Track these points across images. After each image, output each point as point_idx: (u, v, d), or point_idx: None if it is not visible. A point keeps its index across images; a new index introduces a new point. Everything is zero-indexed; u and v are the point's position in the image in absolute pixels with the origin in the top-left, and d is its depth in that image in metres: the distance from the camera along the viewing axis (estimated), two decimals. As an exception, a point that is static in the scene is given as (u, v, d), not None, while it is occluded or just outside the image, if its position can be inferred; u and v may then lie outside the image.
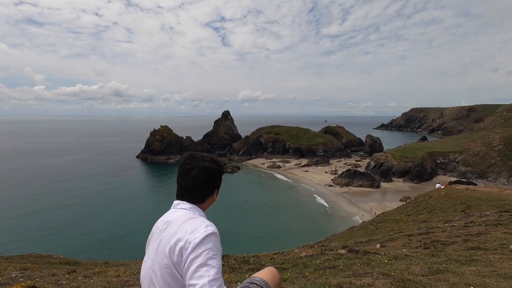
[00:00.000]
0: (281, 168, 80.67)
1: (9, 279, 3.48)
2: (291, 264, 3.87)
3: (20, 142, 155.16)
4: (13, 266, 9.24)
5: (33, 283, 2.55)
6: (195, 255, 1.28)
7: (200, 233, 1.34)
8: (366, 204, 48.78)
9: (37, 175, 71.09)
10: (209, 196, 1.63)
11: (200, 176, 1.56)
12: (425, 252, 5.00)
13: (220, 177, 1.65)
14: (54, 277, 3.67)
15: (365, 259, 4.05)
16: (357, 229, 22.56)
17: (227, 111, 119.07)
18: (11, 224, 40.00)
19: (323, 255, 4.40)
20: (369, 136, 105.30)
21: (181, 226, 1.43)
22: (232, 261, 4.36)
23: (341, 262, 3.83)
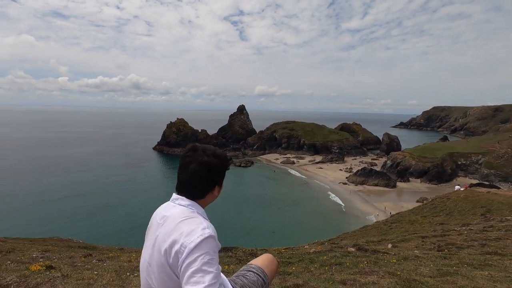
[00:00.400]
0: (295, 164, 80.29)
1: (30, 259, 3.72)
2: (297, 259, 3.89)
3: (45, 132, 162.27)
4: (35, 248, 9.78)
5: (50, 263, 2.72)
6: (190, 260, 1.23)
7: (195, 237, 1.28)
8: (381, 203, 47.87)
9: (60, 164, 74.22)
10: (209, 192, 1.54)
11: (198, 171, 1.46)
12: (437, 254, 4.88)
13: (222, 173, 1.54)
14: (71, 259, 3.88)
15: (373, 257, 4.00)
16: (370, 228, 22.22)
17: (243, 105, 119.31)
18: (36, 210, 42.12)
19: (331, 252, 4.39)
20: (386, 134, 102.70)
21: (178, 226, 1.36)
22: (240, 253, 4.43)
23: (348, 260, 3.80)
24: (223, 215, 41.91)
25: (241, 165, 77.37)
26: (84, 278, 2.20)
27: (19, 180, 57.19)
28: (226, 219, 40.59)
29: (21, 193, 49.29)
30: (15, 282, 2.03)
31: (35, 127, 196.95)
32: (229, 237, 34.74)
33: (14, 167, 68.43)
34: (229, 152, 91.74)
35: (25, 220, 38.06)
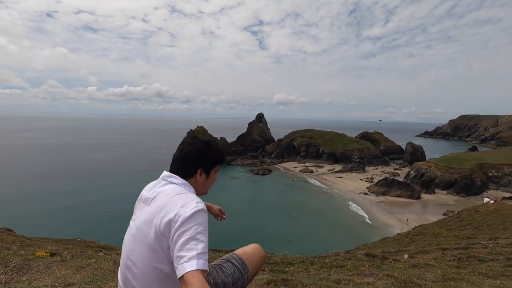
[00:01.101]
0: (314, 173, 79.04)
1: (43, 248, 3.96)
2: (298, 261, 3.83)
3: (75, 137, 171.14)
4: (56, 246, 10.27)
5: (56, 251, 2.88)
6: (184, 229, 1.27)
7: (191, 208, 1.33)
8: (404, 215, 45.88)
9: (89, 168, 77.52)
10: (193, 175, 1.60)
11: (185, 149, 1.62)
12: (452, 264, 4.60)
13: (205, 158, 1.62)
14: (81, 253, 4.08)
15: (378, 262, 3.85)
16: (391, 240, 21.34)
17: (261, 113, 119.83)
18: (63, 212, 43.99)
19: (336, 255, 4.28)
20: (410, 143, 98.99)
21: (172, 199, 1.41)
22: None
23: (350, 263, 3.68)
24: (240, 222, 41.83)
25: (259, 173, 77.24)
26: (80, 264, 2.33)
27: (52, 183, 60.34)
28: (242, 226, 40.47)
29: (51, 196, 51.87)
30: (18, 264, 2.20)
31: (65, 133, 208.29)
32: (245, 244, 34.56)
33: (46, 170, 72.40)
34: (247, 160, 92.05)
35: (54, 222, 39.92)
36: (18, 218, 40.42)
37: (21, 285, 1.79)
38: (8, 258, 2.48)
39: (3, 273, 2.03)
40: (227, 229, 37.84)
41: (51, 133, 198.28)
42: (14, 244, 7.86)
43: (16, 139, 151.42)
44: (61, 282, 1.90)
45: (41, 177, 64.91)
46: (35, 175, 66.45)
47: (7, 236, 11.06)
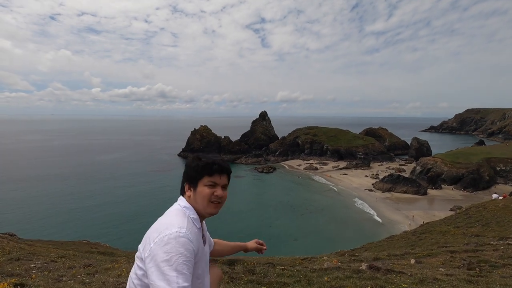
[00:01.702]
0: (318, 170, 78.57)
1: (23, 270, 3.75)
2: (295, 279, 3.54)
3: (80, 139, 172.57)
4: (55, 252, 10.15)
5: (22, 281, 2.65)
6: (151, 257, 1.23)
7: (163, 235, 1.26)
8: (410, 211, 45.31)
9: (94, 170, 77.85)
10: (184, 192, 1.54)
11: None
12: (463, 275, 4.29)
13: (188, 169, 1.52)
14: (67, 270, 3.88)
15: (382, 280, 3.55)
16: (397, 239, 20.96)
17: (265, 111, 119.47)
18: (71, 215, 44.06)
19: (337, 271, 3.99)
20: (415, 139, 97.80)
21: (156, 223, 1.39)
22: (239, 267, 4.17)
23: (351, 283, 3.39)
24: (244, 221, 41.71)
25: (263, 171, 77.04)
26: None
27: (59, 186, 60.61)
28: (247, 225, 40.34)
29: (58, 198, 52.08)
30: None
31: (71, 135, 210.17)
32: (249, 244, 34.44)
33: (53, 173, 72.94)
34: (251, 158, 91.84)
35: (60, 225, 40.03)
36: (24, 221, 40.75)
37: None
38: None
39: None
40: (231, 228, 37.78)
41: (57, 136, 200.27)
42: (10, 253, 7.73)
43: (23, 142, 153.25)
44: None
45: (48, 180, 65.44)
46: (42, 178, 67.02)
47: (7, 243, 10.97)
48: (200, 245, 1.42)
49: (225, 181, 1.53)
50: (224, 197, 1.52)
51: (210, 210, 1.49)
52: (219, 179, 1.49)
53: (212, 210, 1.49)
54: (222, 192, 1.50)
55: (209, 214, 1.50)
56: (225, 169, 1.53)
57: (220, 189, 1.49)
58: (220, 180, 1.50)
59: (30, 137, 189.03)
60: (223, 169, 1.52)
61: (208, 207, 1.48)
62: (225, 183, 1.54)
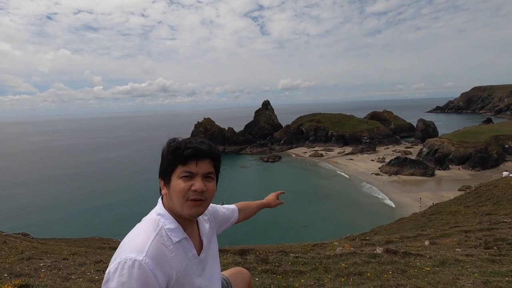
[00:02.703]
0: (324, 157, 78.36)
1: (32, 269, 3.70)
2: (311, 267, 3.43)
3: (84, 138, 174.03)
4: (68, 249, 10.24)
5: (28, 282, 2.57)
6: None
7: (112, 265, 0.94)
8: (418, 193, 45.11)
9: (100, 169, 78.39)
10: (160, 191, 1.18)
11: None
12: (484, 255, 4.15)
13: (161, 160, 1.14)
14: (78, 267, 3.83)
15: (402, 263, 3.42)
16: (407, 221, 20.88)
17: (267, 100, 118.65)
18: (82, 213, 44.53)
19: (353, 256, 3.87)
20: (421, 120, 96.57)
21: (124, 239, 1.06)
22: (251, 257, 4.07)
23: (370, 268, 3.25)
24: (252, 211, 41.83)
25: (268, 160, 77.09)
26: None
27: (68, 186, 61.29)
28: (256, 214, 40.55)
29: (69, 198, 52.64)
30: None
31: (76, 134, 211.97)
32: (259, 232, 34.75)
33: (61, 173, 73.84)
34: (256, 148, 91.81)
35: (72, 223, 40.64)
36: (37, 221, 41.51)
37: None
38: None
39: None
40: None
41: (62, 136, 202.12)
42: (23, 252, 7.78)
43: (29, 144, 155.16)
44: None
45: (57, 180, 66.30)
46: (51, 178, 67.91)
47: (20, 243, 11.09)
48: (182, 263, 1.05)
49: (207, 169, 1.10)
50: (209, 191, 1.10)
51: (188, 210, 1.07)
52: (195, 167, 1.07)
53: (191, 210, 1.07)
54: (201, 184, 1.06)
55: (189, 216, 1.09)
56: (203, 152, 1.08)
57: (199, 180, 1.07)
58: (198, 168, 1.07)
59: (36, 138, 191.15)
60: (200, 153, 1.08)
61: (185, 207, 1.06)
62: (208, 171, 1.10)
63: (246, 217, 1.72)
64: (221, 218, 1.48)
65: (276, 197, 1.96)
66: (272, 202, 1.92)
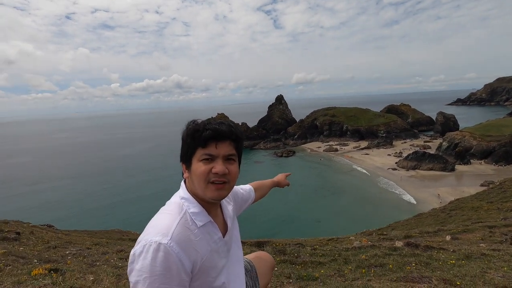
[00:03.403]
0: (339, 152, 77.32)
1: (59, 257, 3.88)
2: (330, 258, 3.39)
3: (103, 134, 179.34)
4: (90, 240, 10.65)
5: (56, 266, 2.69)
6: (129, 272, 0.94)
7: (137, 247, 0.93)
8: (437, 188, 43.81)
9: (120, 164, 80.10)
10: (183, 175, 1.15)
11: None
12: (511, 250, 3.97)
13: (182, 144, 1.13)
14: (101, 255, 3.99)
15: (424, 256, 3.31)
16: (426, 217, 20.35)
17: (281, 95, 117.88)
18: (104, 206, 45.90)
19: (372, 249, 3.80)
20: (441, 113, 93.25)
21: (149, 222, 1.04)
22: (269, 248, 4.08)
23: (392, 260, 3.17)
24: (266, 206, 42.03)
25: (282, 155, 76.90)
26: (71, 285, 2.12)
27: (89, 181, 63.07)
28: (270, 208, 40.66)
29: (91, 192, 54.24)
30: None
31: (95, 131, 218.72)
32: (273, 227, 34.87)
33: (82, 169, 76.44)
34: (270, 143, 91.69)
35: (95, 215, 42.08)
36: (61, 213, 43.31)
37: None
38: (1, 280, 2.30)
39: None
40: (252, 213, 38.07)
41: (83, 133, 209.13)
42: (49, 242, 8.15)
43: (52, 140, 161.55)
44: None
45: (79, 175, 68.60)
46: (74, 174, 70.37)
47: (46, 233, 11.61)
48: (207, 248, 1.03)
49: (228, 150, 1.06)
50: (231, 174, 1.05)
51: (211, 194, 1.03)
52: (215, 149, 1.03)
53: (213, 193, 1.03)
54: (222, 167, 1.02)
55: (211, 199, 1.05)
56: (222, 134, 1.05)
57: (220, 163, 1.03)
58: (218, 150, 1.04)
59: (57, 135, 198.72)
60: (219, 134, 1.05)
61: (207, 190, 1.03)
62: (229, 153, 1.06)
63: (261, 196, 1.69)
64: (240, 199, 1.45)
65: (285, 178, 1.93)
66: (281, 181, 1.90)
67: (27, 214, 37.35)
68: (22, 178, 65.68)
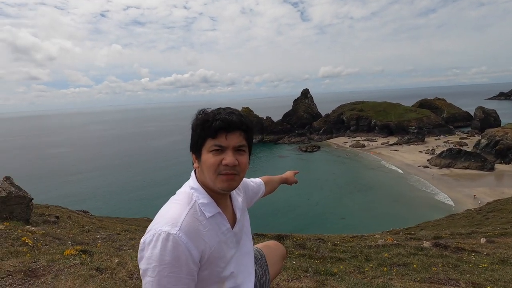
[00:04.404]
0: (366, 147, 74.87)
1: (91, 239, 4.17)
2: (350, 255, 3.30)
3: (135, 127, 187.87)
4: (120, 227, 11.28)
5: (86, 248, 2.89)
6: (139, 261, 0.95)
7: (147, 236, 0.94)
8: (473, 188, 41.10)
9: (152, 157, 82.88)
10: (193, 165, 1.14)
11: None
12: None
13: (192, 134, 1.11)
14: (128, 241, 4.23)
15: (453, 258, 3.11)
16: (459, 218, 19.25)
17: (306, 89, 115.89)
18: (135, 196, 48.24)
19: (397, 247, 3.64)
20: (480, 108, 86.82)
21: (159, 212, 1.06)
22: (289, 242, 4.07)
23: (417, 260, 3.01)
24: (289, 201, 41.91)
25: (307, 150, 75.94)
26: (97, 266, 2.25)
27: (124, 171, 65.91)
28: (293, 203, 40.49)
29: (124, 182, 56.87)
30: (42, 266, 2.19)
31: (126, 124, 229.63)
32: (296, 222, 34.70)
33: (118, 159, 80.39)
34: (294, 138, 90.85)
35: (126, 203, 44.41)
36: (96, 200, 46.25)
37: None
38: (38, 257, 2.52)
39: (11, 284, 2.00)
40: (275, 208, 38.17)
41: (116, 125, 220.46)
42: (84, 226, 8.73)
43: (89, 132, 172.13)
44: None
45: (113, 165, 72.15)
46: (109, 164, 74.22)
47: (81, 218, 12.45)
48: (215, 238, 1.03)
49: (238, 141, 1.03)
50: (241, 165, 1.03)
51: (221, 185, 1.02)
52: (225, 140, 1.01)
53: (223, 184, 1.02)
54: (232, 158, 1.00)
55: (221, 190, 1.04)
56: (233, 124, 1.02)
57: (230, 154, 1.01)
58: (228, 141, 1.01)
59: (94, 127, 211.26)
60: (229, 125, 1.01)
61: (218, 181, 1.02)
62: (239, 144, 1.03)
63: (270, 191, 1.66)
64: (251, 191, 1.44)
65: (293, 175, 1.91)
66: (290, 178, 1.86)
67: (66, 200, 40.23)
68: (62, 168, 70.49)
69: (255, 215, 33.78)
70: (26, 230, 4.06)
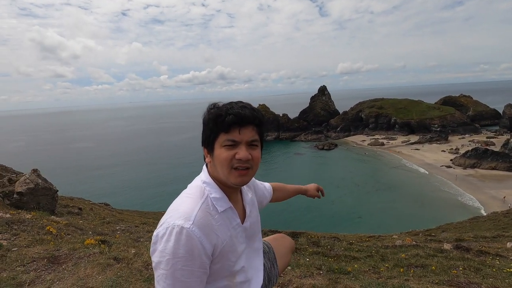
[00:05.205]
0: (385, 146, 72.91)
1: (110, 231, 4.34)
2: (366, 254, 3.22)
3: (154, 123, 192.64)
4: (139, 220, 11.64)
5: (105, 239, 3.00)
6: (151, 254, 0.95)
7: (160, 229, 0.94)
8: (500, 190, 39.13)
9: (169, 154, 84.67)
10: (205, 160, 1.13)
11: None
12: None
13: (203, 128, 1.10)
14: (146, 233, 4.36)
15: (476, 261, 2.97)
16: (484, 220, 18.43)
17: (324, 86, 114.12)
18: (154, 190, 49.63)
19: (415, 248, 3.52)
20: (510, 105, 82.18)
21: (171, 205, 1.04)
22: (303, 239, 4.04)
23: (436, 262, 2.89)
24: (304, 199, 41.28)
25: (324, 148, 74.94)
26: (115, 256, 2.34)
27: (144, 166, 67.72)
28: (307, 203, 40.14)
29: (144, 176, 58.57)
30: (64, 254, 2.31)
31: (146, 120, 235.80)
32: (311, 220, 34.46)
33: (138, 154, 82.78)
34: (311, 135, 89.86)
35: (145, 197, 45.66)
36: (117, 194, 47.87)
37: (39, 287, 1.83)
38: (60, 245, 2.66)
39: (35, 269, 2.13)
40: (290, 207, 37.92)
41: (137, 121, 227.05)
42: (105, 218, 9.08)
43: (111, 128, 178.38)
44: (80, 284, 1.89)
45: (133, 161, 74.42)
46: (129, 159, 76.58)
47: (102, 211, 12.95)
48: (227, 233, 1.03)
49: (251, 136, 1.02)
50: (254, 159, 1.03)
51: (234, 180, 1.02)
52: (238, 134, 1.00)
53: (236, 179, 1.02)
54: (246, 153, 1.00)
55: (234, 185, 1.04)
56: (246, 119, 1.01)
57: (243, 149, 1.00)
58: (242, 136, 1.00)
59: (115, 123, 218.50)
60: (242, 119, 1.00)
61: (231, 175, 1.01)
62: (252, 139, 1.03)
63: (279, 199, 1.61)
64: (260, 191, 1.44)
65: (317, 190, 1.78)
66: (310, 190, 1.75)
67: (89, 193, 41.95)
68: (85, 163, 73.25)
69: (271, 212, 33.88)
70: (51, 220, 4.30)
